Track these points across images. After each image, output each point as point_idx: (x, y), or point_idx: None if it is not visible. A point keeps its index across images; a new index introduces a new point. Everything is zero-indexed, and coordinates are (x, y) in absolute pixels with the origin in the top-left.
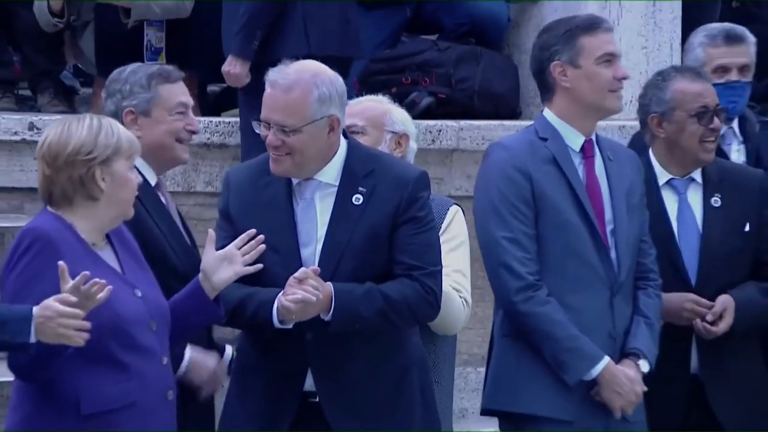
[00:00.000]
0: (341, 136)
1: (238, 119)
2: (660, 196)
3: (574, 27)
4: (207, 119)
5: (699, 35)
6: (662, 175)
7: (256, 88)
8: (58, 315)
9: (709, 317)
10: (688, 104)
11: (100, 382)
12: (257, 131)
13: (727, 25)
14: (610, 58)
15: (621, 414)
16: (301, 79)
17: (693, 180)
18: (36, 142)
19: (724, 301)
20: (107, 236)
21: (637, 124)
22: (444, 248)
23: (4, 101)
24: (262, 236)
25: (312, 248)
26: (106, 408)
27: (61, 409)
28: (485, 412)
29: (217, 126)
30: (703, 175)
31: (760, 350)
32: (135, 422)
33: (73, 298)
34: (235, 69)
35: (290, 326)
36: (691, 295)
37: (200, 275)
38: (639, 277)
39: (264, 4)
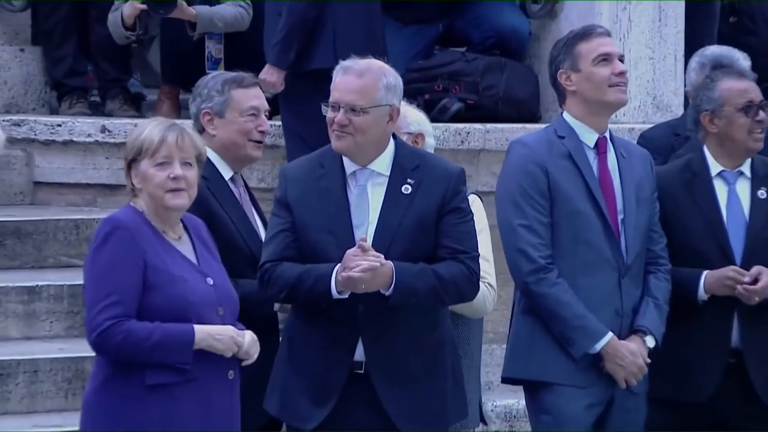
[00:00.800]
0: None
1: None
2: (712, 185)
3: (571, 37)
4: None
5: (693, 60)
6: (714, 167)
7: (293, 94)
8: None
9: (747, 279)
10: (734, 100)
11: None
12: (324, 113)
13: (717, 52)
14: (606, 57)
15: (626, 384)
16: (372, 67)
17: (742, 173)
18: (107, 144)
19: (759, 268)
20: (187, 231)
21: (644, 126)
22: None
23: (78, 107)
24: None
25: (364, 230)
26: (168, 381)
27: (128, 378)
28: (505, 380)
29: (270, 128)
30: (752, 169)
31: None
32: (194, 396)
33: None
34: (271, 77)
35: (347, 296)
36: (733, 266)
37: None
38: (649, 262)
39: (300, 21)
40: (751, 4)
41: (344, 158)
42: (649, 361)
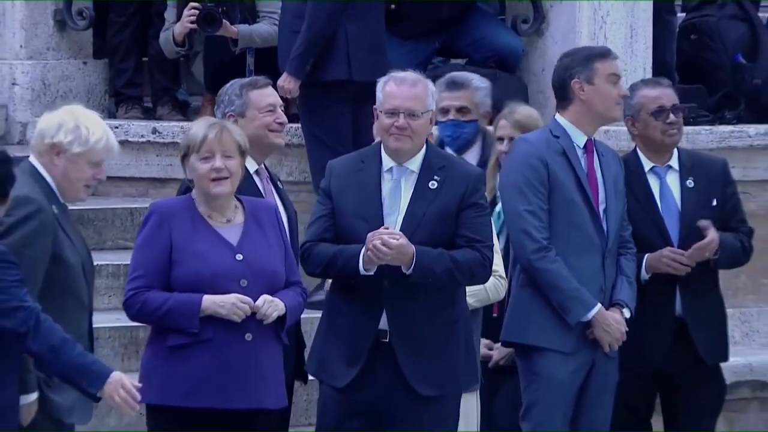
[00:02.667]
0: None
1: None
2: (646, 180)
3: (591, 54)
4: (288, 125)
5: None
6: (647, 164)
7: (311, 101)
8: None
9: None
10: (648, 106)
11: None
12: (383, 121)
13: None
14: (615, 80)
15: (609, 349)
16: (420, 78)
17: (671, 167)
18: (157, 143)
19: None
20: (251, 216)
21: (617, 128)
22: None
23: (132, 112)
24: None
25: (394, 218)
26: (184, 343)
27: (158, 341)
28: (503, 343)
29: (296, 131)
30: (679, 162)
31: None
32: (209, 356)
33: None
34: (289, 85)
35: (372, 273)
36: (668, 248)
37: None
38: (620, 246)
39: (318, 37)
40: (708, 24)
41: (383, 156)
42: (627, 329)
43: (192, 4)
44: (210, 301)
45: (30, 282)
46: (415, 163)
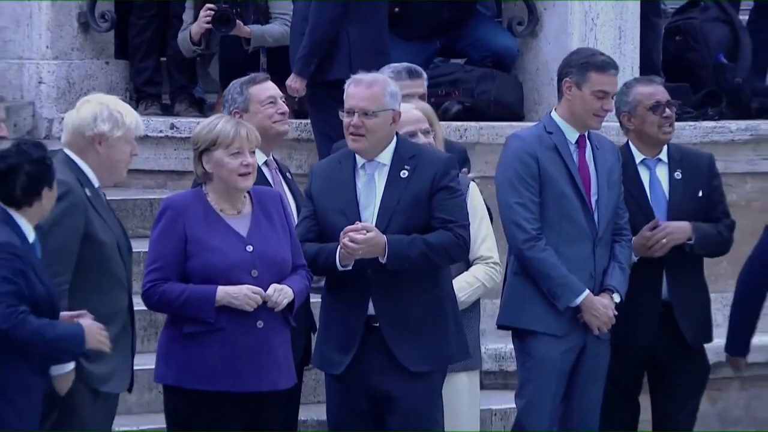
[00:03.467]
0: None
1: None
2: (637, 171)
3: (590, 62)
4: (297, 121)
5: (386, 72)
6: (638, 156)
7: (317, 100)
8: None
9: (647, 231)
10: (645, 102)
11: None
12: (342, 118)
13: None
14: (603, 95)
15: (597, 332)
16: (378, 79)
17: (660, 160)
18: (175, 138)
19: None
20: (258, 206)
21: (608, 123)
22: (471, 218)
23: (152, 108)
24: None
25: (371, 210)
26: (198, 330)
27: (174, 327)
28: (499, 327)
29: (305, 126)
30: (668, 155)
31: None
32: (221, 343)
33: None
34: (295, 84)
35: (350, 268)
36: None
37: None
38: (615, 233)
39: (321, 40)
40: (693, 26)
41: (356, 154)
42: (616, 313)
43: (208, 5)
44: (224, 293)
45: (62, 258)
46: (386, 156)
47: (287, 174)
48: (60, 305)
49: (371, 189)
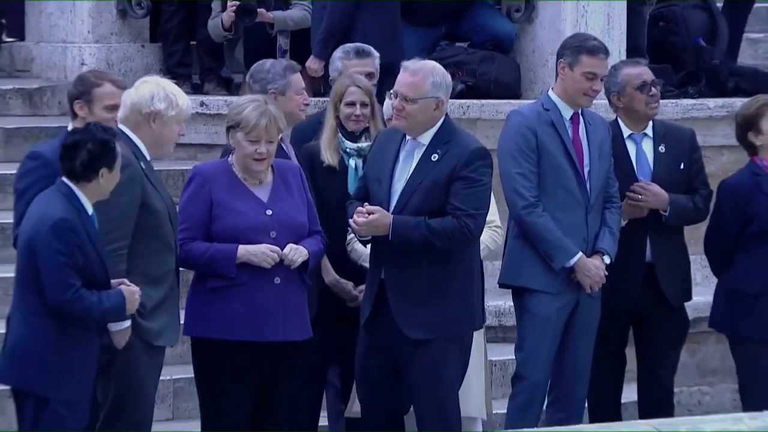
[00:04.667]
0: (445, 113)
1: None
2: (625, 145)
3: (583, 46)
4: (315, 99)
5: (338, 52)
6: (625, 131)
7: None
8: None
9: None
10: (633, 82)
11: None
12: (388, 100)
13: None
14: (592, 77)
15: (589, 290)
16: (424, 68)
17: (646, 135)
18: (205, 114)
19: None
20: (279, 176)
21: (598, 101)
22: None
23: (183, 87)
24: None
25: (400, 185)
26: (220, 285)
27: (200, 283)
28: (500, 285)
29: (323, 104)
30: (653, 130)
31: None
32: (242, 298)
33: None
34: (314, 65)
35: (368, 238)
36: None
37: None
38: (606, 200)
39: (337, 25)
40: (674, 12)
41: None
42: (606, 273)
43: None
44: (244, 250)
45: (122, 225)
46: (426, 138)
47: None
48: (120, 269)
49: (407, 165)
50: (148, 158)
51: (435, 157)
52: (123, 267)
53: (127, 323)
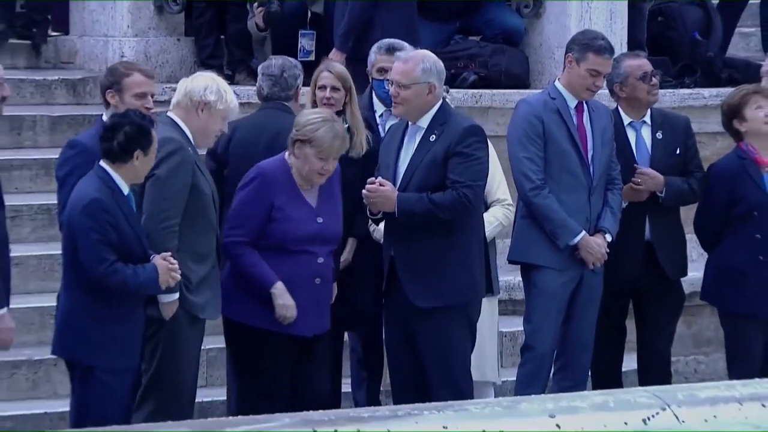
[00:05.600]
0: (441, 98)
1: None
2: (625, 132)
3: (590, 45)
4: None
5: (374, 47)
6: (626, 119)
7: (354, 73)
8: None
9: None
10: (635, 73)
11: (273, 266)
12: (386, 87)
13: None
14: (596, 74)
15: (592, 267)
16: (415, 56)
17: (645, 122)
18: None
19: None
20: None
21: (602, 92)
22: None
23: None
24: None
25: (405, 165)
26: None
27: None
28: (510, 261)
29: None
30: (651, 118)
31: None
32: (291, 294)
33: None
34: (335, 57)
35: (380, 216)
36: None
37: None
38: (608, 183)
39: (358, 20)
40: (672, 8)
41: None
42: (608, 251)
43: (259, 4)
44: (277, 292)
45: (176, 205)
46: (424, 121)
47: None
48: (172, 245)
49: (409, 148)
50: (193, 144)
51: (433, 137)
52: (174, 243)
53: (175, 296)
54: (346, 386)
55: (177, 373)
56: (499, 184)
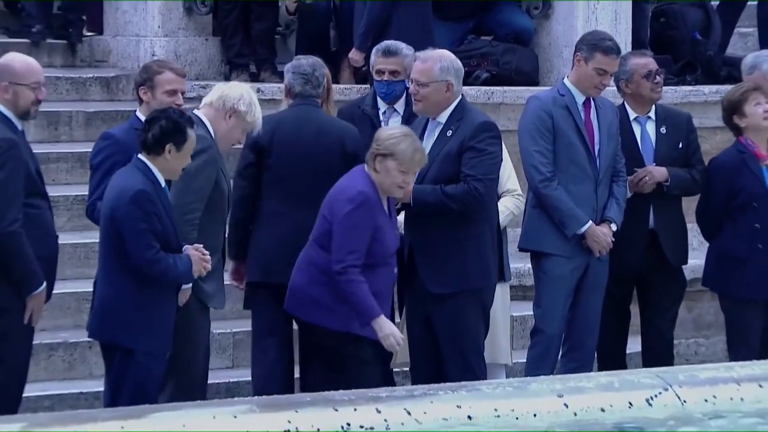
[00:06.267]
0: (460, 95)
1: None
2: (631, 126)
3: (599, 45)
4: (358, 86)
5: (374, 49)
6: (631, 114)
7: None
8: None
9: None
10: (640, 71)
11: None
12: (408, 86)
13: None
14: (603, 73)
15: (598, 255)
16: (433, 55)
17: (650, 117)
18: (261, 100)
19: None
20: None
21: (608, 88)
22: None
23: (242, 76)
24: None
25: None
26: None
27: (328, 277)
28: (520, 249)
29: (365, 90)
30: (656, 114)
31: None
32: (377, 302)
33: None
34: (355, 56)
35: (409, 202)
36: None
37: None
38: (614, 175)
39: (376, 20)
40: (674, 9)
41: None
42: (614, 239)
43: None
44: (383, 324)
45: (199, 198)
46: (443, 117)
47: None
48: (193, 236)
49: (428, 142)
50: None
51: (449, 132)
52: (194, 235)
53: (190, 284)
54: None
55: (192, 357)
56: (509, 176)
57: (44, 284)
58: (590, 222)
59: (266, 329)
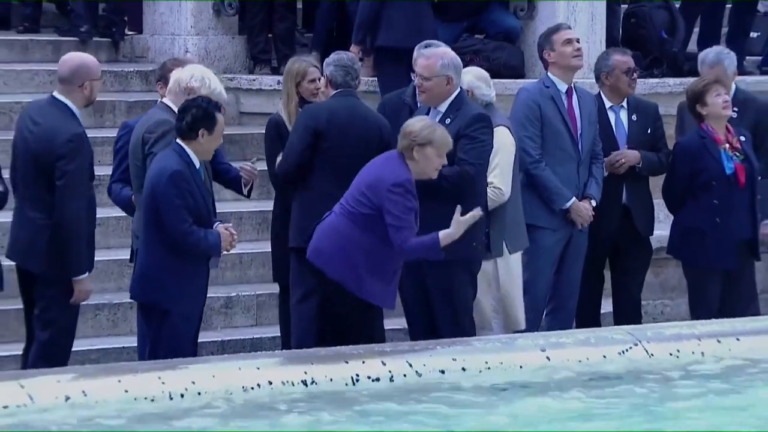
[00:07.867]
0: (459, 88)
1: None
2: (607, 114)
3: (549, 31)
4: (366, 78)
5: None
6: (607, 103)
7: (375, 63)
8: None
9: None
10: (621, 67)
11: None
12: (413, 79)
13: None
14: (568, 41)
15: (580, 227)
16: (436, 52)
17: (623, 106)
18: (280, 92)
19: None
20: None
21: (584, 80)
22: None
23: (264, 70)
24: None
25: None
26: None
27: (382, 249)
28: None
29: (372, 81)
30: (628, 103)
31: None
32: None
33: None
34: (353, 49)
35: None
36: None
37: None
38: (593, 157)
39: (366, 18)
40: (643, 11)
41: None
42: (593, 213)
43: None
44: (445, 238)
45: None
46: (444, 107)
47: None
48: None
49: None
50: None
51: (448, 120)
52: None
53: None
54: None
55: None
56: (493, 169)
57: (87, 273)
58: (574, 198)
59: (304, 292)
